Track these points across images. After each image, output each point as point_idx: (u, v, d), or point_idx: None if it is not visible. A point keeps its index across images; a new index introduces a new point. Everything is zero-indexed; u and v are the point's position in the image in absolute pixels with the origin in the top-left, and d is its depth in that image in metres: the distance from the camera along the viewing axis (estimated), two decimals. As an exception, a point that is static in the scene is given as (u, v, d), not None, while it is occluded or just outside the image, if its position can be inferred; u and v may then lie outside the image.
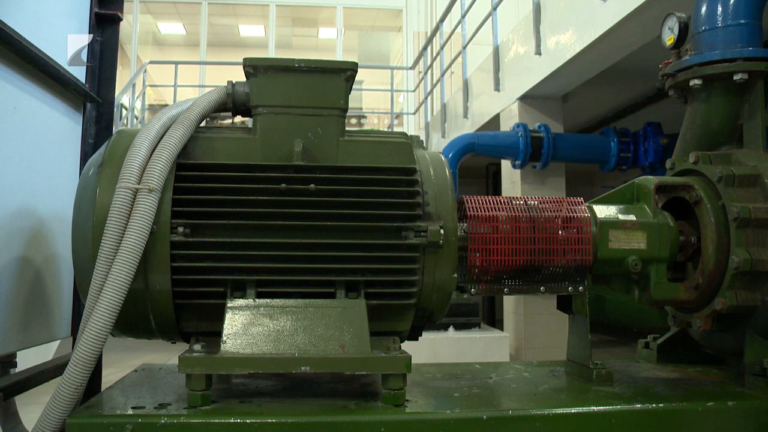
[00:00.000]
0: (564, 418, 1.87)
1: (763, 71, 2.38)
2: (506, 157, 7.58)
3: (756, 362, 2.15)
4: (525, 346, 7.30)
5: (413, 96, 16.09)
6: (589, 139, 7.96)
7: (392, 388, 1.86)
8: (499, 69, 8.38)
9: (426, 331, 6.33)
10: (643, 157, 7.42)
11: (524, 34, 7.58)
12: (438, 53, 11.69)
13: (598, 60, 6.51)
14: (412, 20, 19.12)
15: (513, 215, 2.11)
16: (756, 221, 2.16)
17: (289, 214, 1.94)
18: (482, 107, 9.13)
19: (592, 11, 5.90)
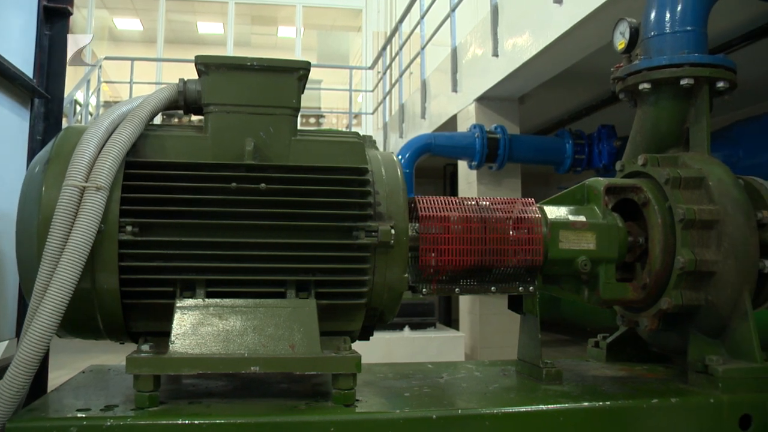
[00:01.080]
0: (513, 417, 1.89)
1: (708, 77, 2.44)
2: (463, 157, 7.63)
3: (699, 360, 2.20)
4: (480, 346, 7.35)
5: (372, 96, 16.12)
6: (544, 141, 8.05)
7: (342, 388, 1.86)
8: (456, 70, 8.43)
9: (381, 330, 6.36)
10: (597, 159, 7.54)
11: (482, 36, 7.64)
12: (397, 53, 11.72)
13: (554, 62, 6.59)
14: (372, 20, 19.13)
15: (464, 215, 2.12)
16: (700, 222, 2.21)
17: (239, 214, 1.93)
18: (440, 108, 9.18)
19: (549, 14, 5.97)
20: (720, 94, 2.53)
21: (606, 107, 7.88)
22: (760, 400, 2.07)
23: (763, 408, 2.06)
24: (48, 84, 2.73)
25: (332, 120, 20.37)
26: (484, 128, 7.30)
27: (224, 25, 18.98)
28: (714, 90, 2.51)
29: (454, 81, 8.43)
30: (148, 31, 18.80)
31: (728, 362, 2.17)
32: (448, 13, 8.53)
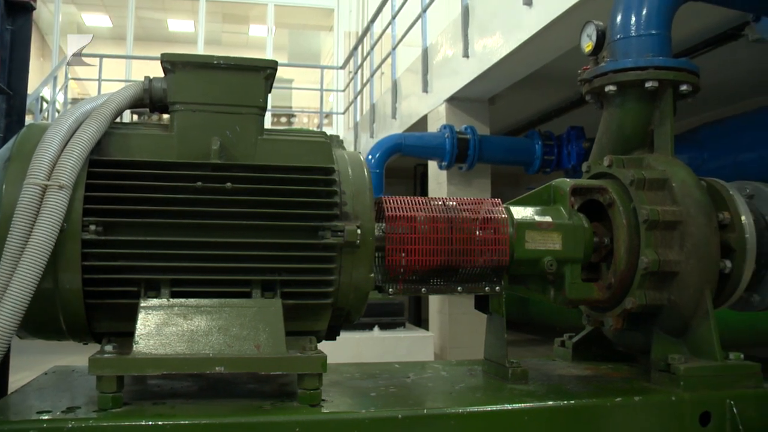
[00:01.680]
0: (478, 416, 1.89)
1: (672, 80, 2.47)
2: (433, 158, 7.65)
3: (661, 358, 2.23)
4: (450, 346, 7.39)
5: (343, 96, 16.10)
6: (514, 142, 8.11)
7: (308, 388, 1.85)
8: (427, 71, 8.46)
9: (351, 330, 6.37)
10: (567, 160, 7.61)
11: (453, 37, 7.67)
12: (368, 53, 11.72)
13: (525, 64, 6.64)
14: (344, 20, 19.11)
15: (431, 216, 2.13)
16: (664, 223, 2.24)
17: (204, 213, 1.92)
18: (410, 108, 9.20)
19: (519, 16, 6.01)
20: (684, 97, 2.57)
21: (575, 109, 7.96)
22: (719, 398, 2.11)
23: (722, 405, 2.10)
24: (10, 80, 2.67)
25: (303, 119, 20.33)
26: (454, 129, 7.34)
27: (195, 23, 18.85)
28: (678, 93, 2.54)
29: (425, 81, 8.45)
30: (118, 28, 18.60)
31: (690, 361, 2.20)
32: (420, 13, 8.55)
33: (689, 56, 6.28)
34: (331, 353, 1.91)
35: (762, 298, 2.57)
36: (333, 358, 2.22)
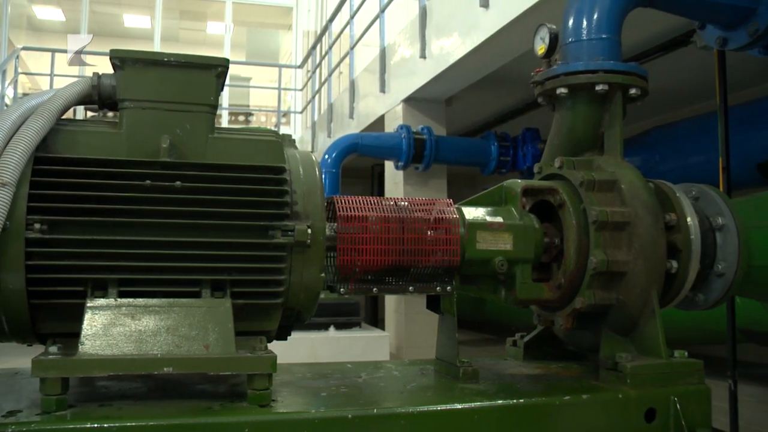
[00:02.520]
0: (428, 416, 1.90)
1: (621, 83, 2.51)
2: (389, 158, 7.68)
3: (609, 357, 2.26)
4: (406, 345, 7.41)
5: (301, 95, 16.04)
6: (470, 143, 8.18)
7: (258, 388, 1.84)
8: (385, 71, 8.48)
9: (306, 330, 6.34)
10: (522, 161, 7.70)
11: (410, 37, 7.70)
12: (326, 53, 11.70)
13: (481, 65, 6.70)
14: (303, 18, 19.05)
15: (382, 216, 2.13)
16: (612, 224, 2.28)
17: (153, 212, 1.89)
18: (368, 108, 9.21)
19: (476, 18, 6.06)
20: (633, 100, 2.61)
21: (531, 111, 8.06)
22: (664, 394, 2.15)
23: (667, 401, 2.14)
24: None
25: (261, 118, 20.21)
26: (411, 129, 7.37)
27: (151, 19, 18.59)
28: (627, 96, 2.58)
29: (383, 81, 8.47)
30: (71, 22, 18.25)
31: (636, 359, 2.24)
32: (378, 13, 8.57)
33: (642, 61, 6.40)
34: (287, 353, 1.90)
35: (706, 297, 2.63)
36: (288, 358, 2.20)
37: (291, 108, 17.57)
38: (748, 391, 6.84)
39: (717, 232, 2.58)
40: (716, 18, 3.17)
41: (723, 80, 4.86)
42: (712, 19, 3.22)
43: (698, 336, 6.70)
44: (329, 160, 7.09)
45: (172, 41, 19.81)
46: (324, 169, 7.08)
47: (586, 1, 2.70)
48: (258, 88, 19.20)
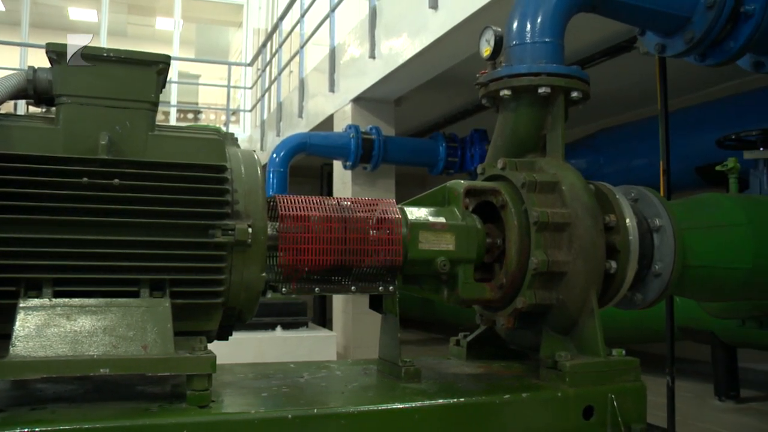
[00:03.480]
0: (368, 416, 1.90)
1: (563, 87, 2.55)
2: (338, 157, 7.67)
3: (549, 356, 2.29)
4: (353, 345, 7.41)
5: (251, 93, 15.90)
6: (418, 143, 8.22)
7: (197, 389, 1.81)
8: (334, 70, 8.46)
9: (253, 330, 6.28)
10: (470, 162, 7.77)
11: (360, 37, 7.70)
12: (276, 51, 11.63)
13: (430, 66, 6.74)
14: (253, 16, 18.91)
15: (325, 215, 2.13)
16: (553, 225, 2.31)
17: (90, 210, 1.85)
18: (317, 107, 9.18)
19: (425, 19, 6.09)
20: (575, 103, 2.65)
21: (479, 112, 8.14)
22: (602, 392, 2.19)
23: (604, 399, 2.18)
24: None
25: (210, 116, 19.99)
26: (359, 129, 7.38)
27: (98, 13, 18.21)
28: (569, 99, 2.62)
29: (332, 81, 8.45)
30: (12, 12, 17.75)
31: (575, 358, 2.27)
32: (328, 13, 8.55)
33: (588, 65, 6.52)
34: (233, 354, 1.88)
35: (644, 296, 2.69)
36: (234, 359, 2.18)
37: (240, 106, 17.41)
38: (686, 387, 7.03)
39: (654, 234, 2.64)
40: (655, 25, 3.25)
41: (664, 85, 4.98)
42: (651, 26, 3.29)
43: (640, 334, 6.86)
44: (277, 159, 7.05)
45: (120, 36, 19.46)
46: (272, 168, 7.05)
47: (530, 5, 2.73)
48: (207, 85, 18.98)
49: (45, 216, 1.82)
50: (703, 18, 3.07)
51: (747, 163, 5.34)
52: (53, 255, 1.82)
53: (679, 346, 6.71)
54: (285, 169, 7.02)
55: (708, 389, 6.90)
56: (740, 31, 3.14)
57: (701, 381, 7.39)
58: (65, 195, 1.84)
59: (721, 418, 6.03)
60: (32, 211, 1.81)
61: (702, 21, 3.07)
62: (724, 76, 7.29)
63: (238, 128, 17.17)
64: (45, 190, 1.83)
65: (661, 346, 5.06)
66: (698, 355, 7.90)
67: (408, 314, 10.71)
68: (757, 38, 3.15)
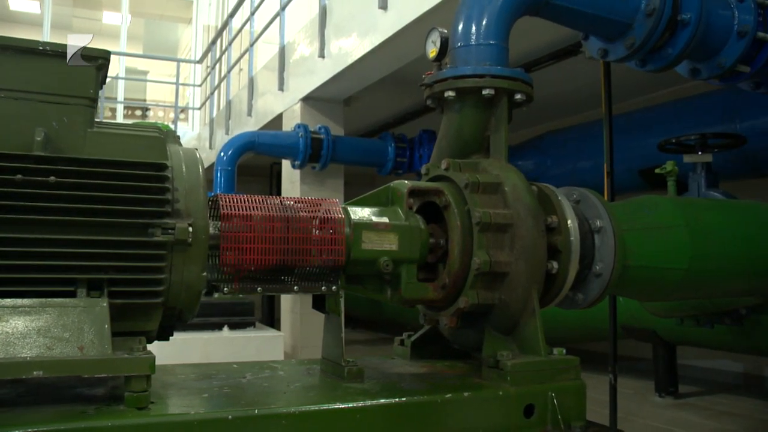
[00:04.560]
0: (309, 416, 1.89)
1: (507, 89, 2.58)
2: (286, 156, 7.63)
3: (491, 355, 2.32)
4: (301, 345, 7.38)
5: (200, 90, 15.72)
6: (367, 143, 8.23)
7: (135, 390, 1.78)
8: (284, 69, 8.42)
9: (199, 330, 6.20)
10: (419, 163, 7.81)
11: (310, 36, 7.68)
12: (226, 48, 11.52)
13: (379, 66, 6.75)
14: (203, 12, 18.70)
15: (267, 214, 2.11)
16: (495, 226, 2.34)
17: (25, 208, 1.80)
18: (266, 106, 9.12)
19: (374, 19, 6.10)
20: (518, 105, 2.68)
21: (428, 113, 8.18)
22: (542, 390, 2.22)
23: (545, 397, 2.22)
24: None
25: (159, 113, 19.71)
26: (308, 128, 7.35)
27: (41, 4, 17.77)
28: (513, 101, 2.65)
29: (281, 80, 8.41)
30: (-55, 2, 17.21)
31: (517, 357, 2.30)
32: (278, 11, 8.50)
33: (536, 68, 6.61)
34: (178, 354, 1.86)
35: (585, 296, 2.74)
36: (180, 359, 2.14)
37: (189, 104, 17.19)
38: (628, 384, 7.18)
39: (595, 234, 2.69)
40: (597, 30, 3.31)
41: (608, 89, 5.08)
42: (594, 31, 3.35)
43: (586, 333, 6.98)
44: (225, 158, 6.98)
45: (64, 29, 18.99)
46: (219, 166, 6.98)
47: (475, 8, 2.76)
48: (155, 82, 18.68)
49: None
50: (643, 25, 3.14)
51: (687, 167, 5.49)
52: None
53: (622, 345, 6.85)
54: (233, 168, 6.96)
55: (649, 386, 7.06)
56: (678, 38, 3.22)
57: (643, 378, 7.56)
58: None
59: (660, 414, 6.17)
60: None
61: (642, 28, 3.15)
62: (666, 82, 7.47)
63: (186, 126, 16.96)
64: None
65: (605, 344, 5.16)
66: (640, 353, 8.08)
67: (356, 314, 10.73)
68: (694, 46, 3.25)
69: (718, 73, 3.50)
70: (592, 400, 2.35)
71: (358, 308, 10.34)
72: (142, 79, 18.73)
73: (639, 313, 6.08)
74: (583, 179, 7.25)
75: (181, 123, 16.52)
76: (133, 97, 18.95)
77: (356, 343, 10.24)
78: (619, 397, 4.99)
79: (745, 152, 5.94)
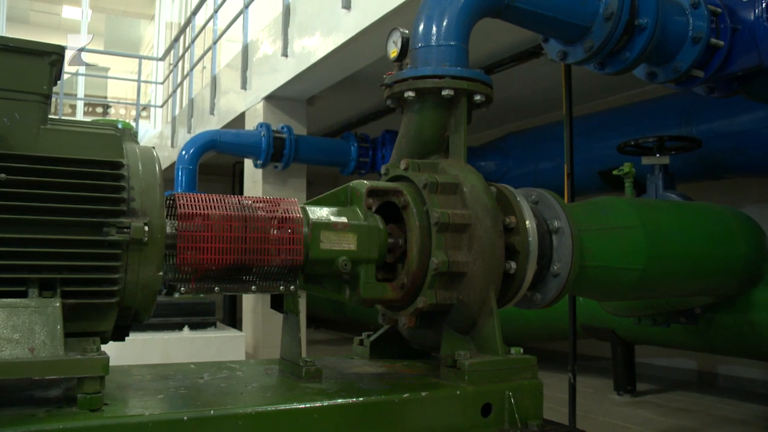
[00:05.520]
0: (266, 416, 1.89)
1: (466, 89, 2.60)
2: (248, 156, 7.58)
3: (449, 355, 2.33)
4: (263, 345, 7.34)
5: (162, 88, 15.54)
6: (330, 143, 8.22)
7: (88, 392, 1.76)
8: (247, 67, 8.36)
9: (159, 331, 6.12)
10: (381, 163, 7.83)
11: (273, 35, 7.64)
12: (189, 46, 11.40)
13: (343, 66, 6.74)
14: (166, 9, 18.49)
15: (225, 214, 2.10)
16: (454, 226, 2.35)
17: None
18: (229, 105, 9.05)
19: (338, 18, 6.09)
20: (478, 106, 2.70)
21: (391, 113, 8.19)
22: (499, 390, 2.24)
23: (502, 396, 2.24)
24: None
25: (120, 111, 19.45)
26: (271, 127, 7.32)
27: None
28: (472, 102, 2.67)
29: (244, 78, 8.35)
30: None
31: (475, 356, 2.32)
32: (242, 9, 8.44)
33: (498, 70, 6.66)
34: (138, 355, 1.84)
35: (543, 296, 2.77)
36: (140, 360, 2.11)
37: (151, 101, 16.98)
38: (588, 382, 7.28)
39: (553, 235, 2.73)
40: (557, 33, 3.35)
41: (569, 91, 5.15)
42: (554, 33, 3.39)
43: (548, 332, 7.06)
44: (186, 157, 6.91)
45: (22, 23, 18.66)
46: (180, 165, 6.90)
47: (436, 8, 2.77)
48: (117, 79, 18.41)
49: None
50: (601, 28, 3.19)
51: (645, 169, 5.58)
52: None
53: (582, 344, 6.95)
54: (194, 167, 6.89)
55: (608, 384, 7.17)
56: (635, 42, 3.28)
57: (602, 376, 7.67)
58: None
59: (619, 412, 6.27)
60: None
61: (600, 31, 3.19)
62: (627, 85, 7.58)
63: (148, 124, 16.76)
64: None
65: (566, 344, 5.23)
66: (600, 352, 8.19)
67: (319, 314, 10.70)
68: (650, 50, 3.30)
69: (674, 77, 3.56)
70: (552, 399, 2.37)
71: (321, 308, 10.32)
72: (103, 76, 18.45)
73: (598, 312, 6.17)
74: (545, 180, 7.34)
75: (143, 121, 16.31)
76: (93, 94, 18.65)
77: (319, 342, 10.21)
78: (578, 395, 5.06)
79: (700, 155, 6.07)
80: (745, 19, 3.42)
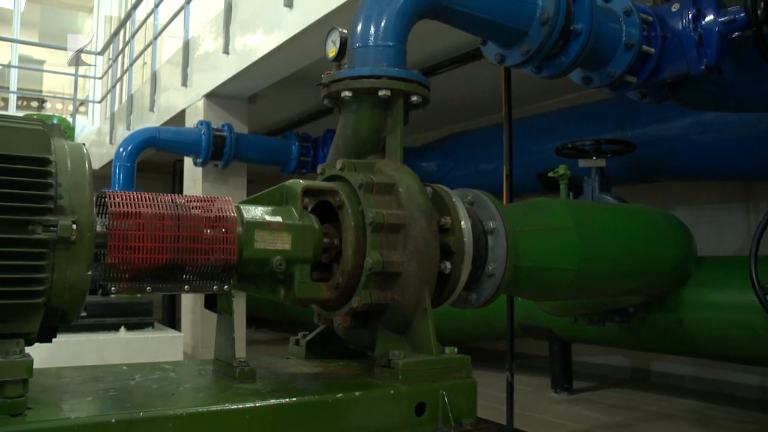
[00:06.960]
0: (197, 417, 1.86)
1: (403, 90, 2.62)
2: (188, 154, 7.49)
3: (384, 354, 2.34)
4: (202, 345, 7.25)
5: (101, 83, 15.21)
6: (271, 142, 8.17)
7: (10, 396, 1.70)
8: (188, 64, 8.25)
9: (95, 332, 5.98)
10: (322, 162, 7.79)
11: (215, 32, 7.56)
12: (129, 41, 11.19)
13: (284, 64, 6.71)
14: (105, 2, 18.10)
15: (157, 212, 2.06)
16: (388, 226, 2.36)
17: None
18: (169, 101, 8.92)
19: (279, 16, 6.06)
20: (415, 107, 2.72)
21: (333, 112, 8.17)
22: (433, 389, 2.26)
23: (436, 395, 2.25)
24: None
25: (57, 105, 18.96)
26: (211, 125, 7.24)
27: None
28: (409, 103, 2.69)
29: (185, 75, 8.24)
30: None
31: (409, 356, 2.33)
32: (183, 4, 8.33)
33: (439, 71, 6.70)
34: (73, 357, 1.79)
35: (478, 296, 2.81)
36: (75, 362, 2.06)
37: (89, 96, 16.59)
38: (525, 381, 7.40)
39: (488, 235, 2.76)
40: (494, 36, 3.39)
41: (508, 94, 5.22)
42: (491, 36, 3.43)
43: (488, 332, 7.15)
44: (124, 154, 6.77)
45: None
46: (118, 162, 6.75)
47: (374, 9, 2.78)
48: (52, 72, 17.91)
49: None
50: (538, 33, 3.24)
51: (583, 171, 5.70)
52: None
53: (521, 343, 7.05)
54: (132, 164, 6.75)
55: (546, 382, 7.29)
56: (570, 47, 3.34)
57: (540, 375, 7.80)
58: None
59: (556, 409, 6.39)
60: None
61: (537, 35, 3.25)
62: (566, 89, 7.72)
63: (86, 119, 16.36)
64: None
65: (504, 343, 5.30)
66: (538, 351, 8.33)
67: (259, 314, 10.61)
68: (585, 55, 3.37)
69: (608, 82, 3.65)
70: (490, 397, 2.41)
71: (262, 308, 10.23)
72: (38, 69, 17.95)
73: (536, 312, 6.28)
74: (486, 181, 7.42)
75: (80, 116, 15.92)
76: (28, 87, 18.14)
77: (258, 343, 10.11)
78: (516, 393, 5.13)
79: (635, 158, 6.23)
80: (674, 29, 3.53)
